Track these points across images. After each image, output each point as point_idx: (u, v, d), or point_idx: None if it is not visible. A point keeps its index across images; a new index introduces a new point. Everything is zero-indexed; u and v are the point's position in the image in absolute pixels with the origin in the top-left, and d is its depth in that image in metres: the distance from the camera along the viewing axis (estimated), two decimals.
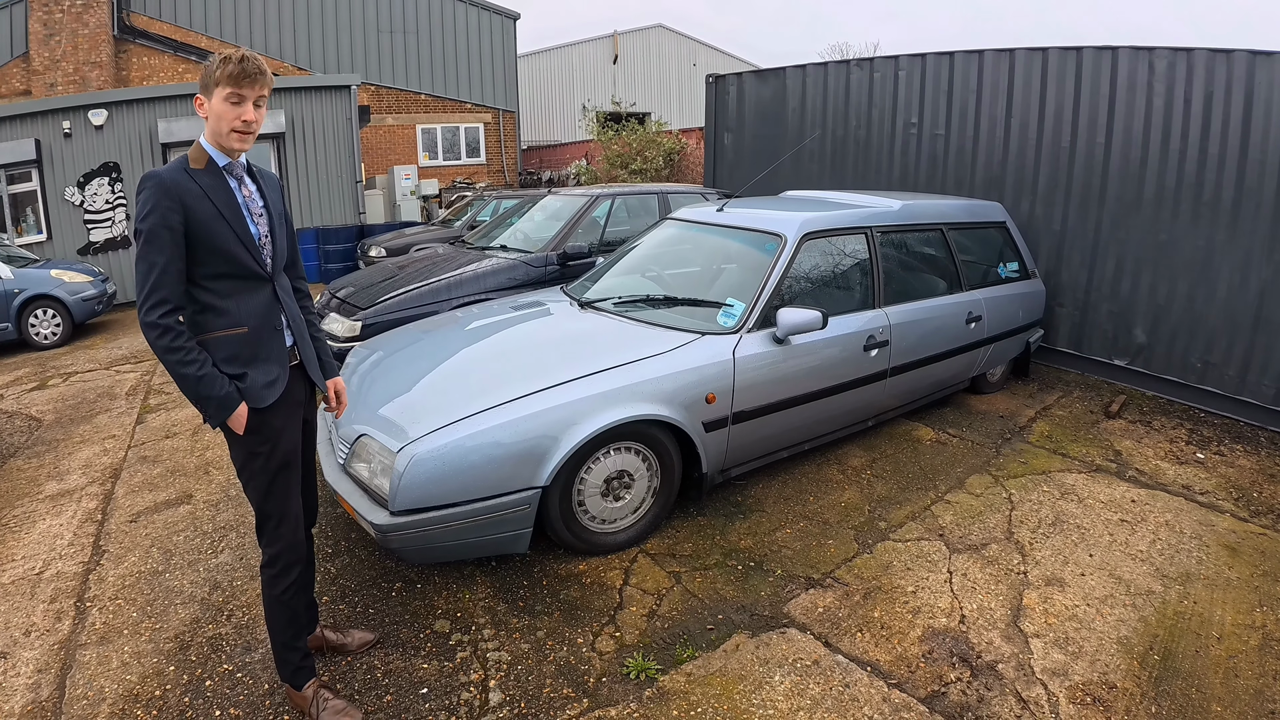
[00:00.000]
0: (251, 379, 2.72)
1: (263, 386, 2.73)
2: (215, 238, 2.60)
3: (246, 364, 2.72)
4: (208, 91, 2.59)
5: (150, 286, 2.51)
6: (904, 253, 5.74)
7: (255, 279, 2.74)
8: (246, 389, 2.70)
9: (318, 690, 3.03)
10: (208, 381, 2.59)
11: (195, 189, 2.58)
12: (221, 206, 2.63)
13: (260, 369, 2.74)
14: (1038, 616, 3.68)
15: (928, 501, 4.84)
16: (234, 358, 2.70)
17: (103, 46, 17.03)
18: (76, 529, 4.61)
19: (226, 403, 2.63)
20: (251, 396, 2.70)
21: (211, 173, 2.65)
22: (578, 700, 3.12)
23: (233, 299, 2.70)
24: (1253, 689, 3.23)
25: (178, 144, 13.26)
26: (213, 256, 2.62)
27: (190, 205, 2.56)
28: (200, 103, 2.64)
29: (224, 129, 2.60)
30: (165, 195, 2.52)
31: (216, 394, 2.61)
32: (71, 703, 3.12)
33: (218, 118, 2.60)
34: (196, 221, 2.56)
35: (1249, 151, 6.07)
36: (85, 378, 8.16)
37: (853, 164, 9.34)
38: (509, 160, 23.90)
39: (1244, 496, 5.04)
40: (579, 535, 4.05)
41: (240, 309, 2.71)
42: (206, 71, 2.58)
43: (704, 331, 4.49)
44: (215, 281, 2.66)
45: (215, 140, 2.64)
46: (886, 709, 3.08)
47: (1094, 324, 7.36)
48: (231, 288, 2.69)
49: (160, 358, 2.58)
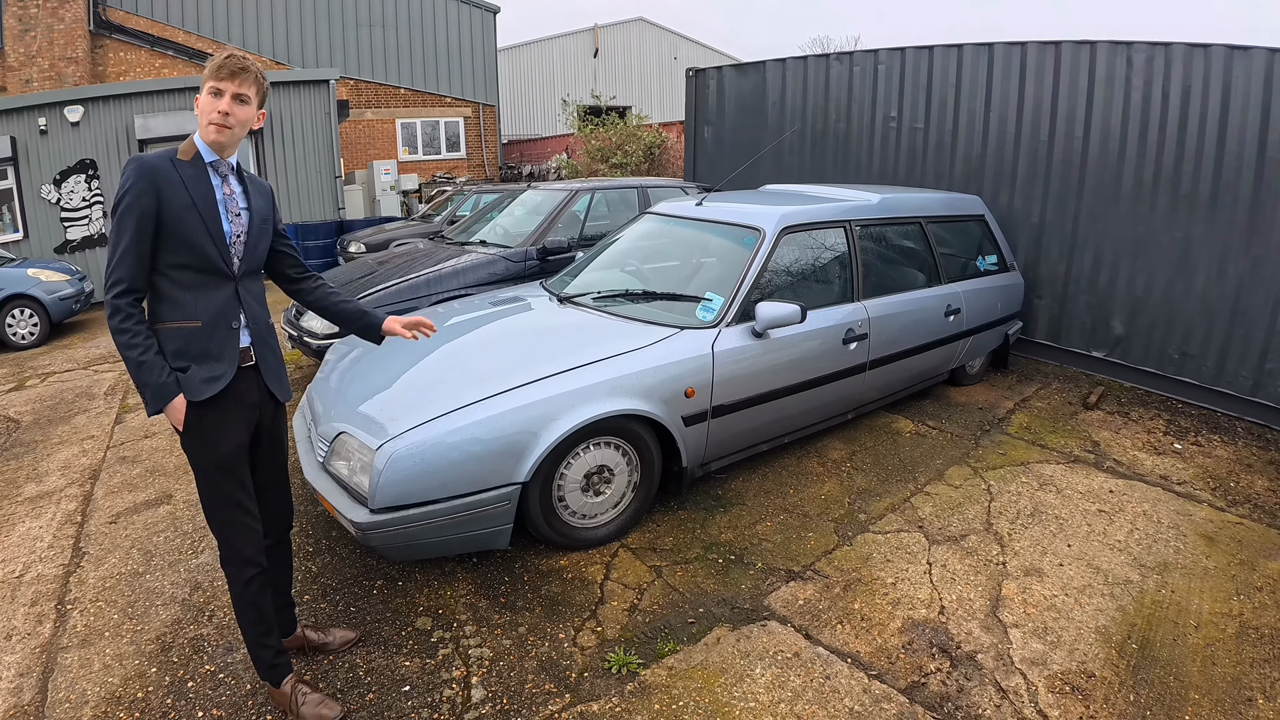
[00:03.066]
0: (193, 372, 2.71)
1: (201, 381, 2.71)
2: (184, 228, 2.62)
3: (193, 359, 2.71)
4: (201, 87, 2.67)
5: (113, 265, 2.57)
6: (883, 246, 5.76)
7: (218, 275, 2.74)
8: (185, 381, 2.69)
9: (295, 685, 3.02)
10: (147, 367, 2.60)
11: (175, 177, 2.61)
12: (197, 198, 2.64)
13: (205, 365, 2.73)
14: (1016, 607, 3.71)
15: (907, 493, 4.86)
16: (183, 351, 2.70)
17: (79, 42, 16.85)
18: (56, 531, 4.57)
19: (162, 392, 2.64)
20: (189, 389, 2.69)
21: (195, 166, 2.68)
22: (560, 695, 3.12)
23: (191, 292, 2.70)
24: (1230, 677, 3.27)
25: (154, 140, 13.14)
26: (179, 246, 2.64)
27: (165, 192, 2.59)
28: (196, 100, 2.72)
29: (203, 120, 2.66)
30: (142, 178, 2.56)
31: (153, 381, 2.62)
32: (54, 706, 3.10)
33: (201, 110, 2.67)
34: (169, 209, 2.59)
35: (1226, 145, 6.13)
36: (63, 378, 8.09)
37: (832, 157, 9.36)
38: (489, 154, 23.82)
39: (1221, 486, 5.09)
40: (560, 530, 4.05)
41: (197, 303, 2.71)
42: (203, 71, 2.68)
43: (683, 326, 4.49)
44: (178, 271, 2.67)
45: (204, 135, 2.68)
46: (867, 700, 3.10)
47: (1072, 316, 7.41)
48: (193, 280, 2.70)
49: (113, 339, 2.62)
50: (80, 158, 12.82)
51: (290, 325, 6.87)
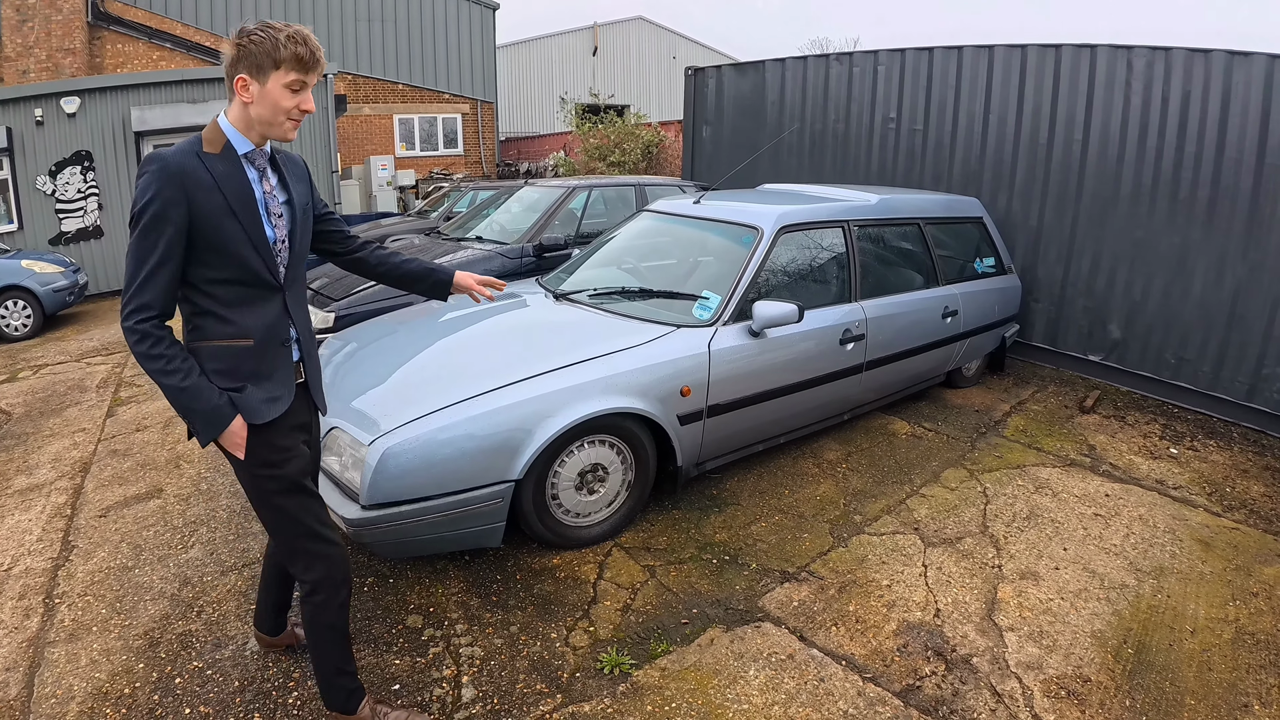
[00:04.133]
0: (250, 393, 2.41)
1: (262, 401, 2.42)
2: (222, 237, 2.28)
3: (246, 379, 2.41)
4: (260, 72, 2.25)
5: (135, 286, 2.20)
6: (881, 247, 5.74)
7: (264, 287, 2.42)
8: (242, 402, 2.39)
9: (374, 707, 2.85)
10: (193, 392, 2.28)
11: (206, 178, 2.24)
12: (234, 201, 2.29)
13: (261, 386, 2.44)
14: (1012, 610, 3.69)
15: (903, 495, 4.84)
16: (231, 371, 2.39)
17: (76, 33, 16.81)
18: (45, 524, 4.54)
19: (216, 417, 2.33)
20: (248, 410, 2.40)
21: (227, 159, 2.31)
22: (551, 695, 3.09)
23: (238, 307, 2.38)
24: (1226, 682, 3.26)
25: (151, 132, 13.09)
26: (217, 258, 2.30)
27: (198, 198, 2.22)
28: (244, 83, 2.26)
29: (279, 117, 2.30)
30: (169, 182, 2.19)
31: (204, 406, 2.30)
32: (40, 701, 3.07)
33: (273, 104, 2.28)
34: (202, 216, 2.23)
35: (1225, 150, 6.12)
36: (56, 370, 8.05)
37: (831, 158, 9.35)
38: (487, 151, 23.80)
39: (1217, 491, 5.08)
40: (553, 529, 4.02)
41: (246, 319, 2.39)
42: (260, 49, 2.23)
43: (679, 324, 4.47)
44: (218, 287, 2.34)
45: (248, 125, 2.33)
46: (861, 703, 3.08)
47: (1070, 319, 7.40)
48: (237, 295, 2.37)
49: (141, 365, 2.26)
50: (76, 149, 12.75)
51: None
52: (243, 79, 2.26)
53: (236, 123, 2.33)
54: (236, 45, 2.25)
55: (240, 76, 2.26)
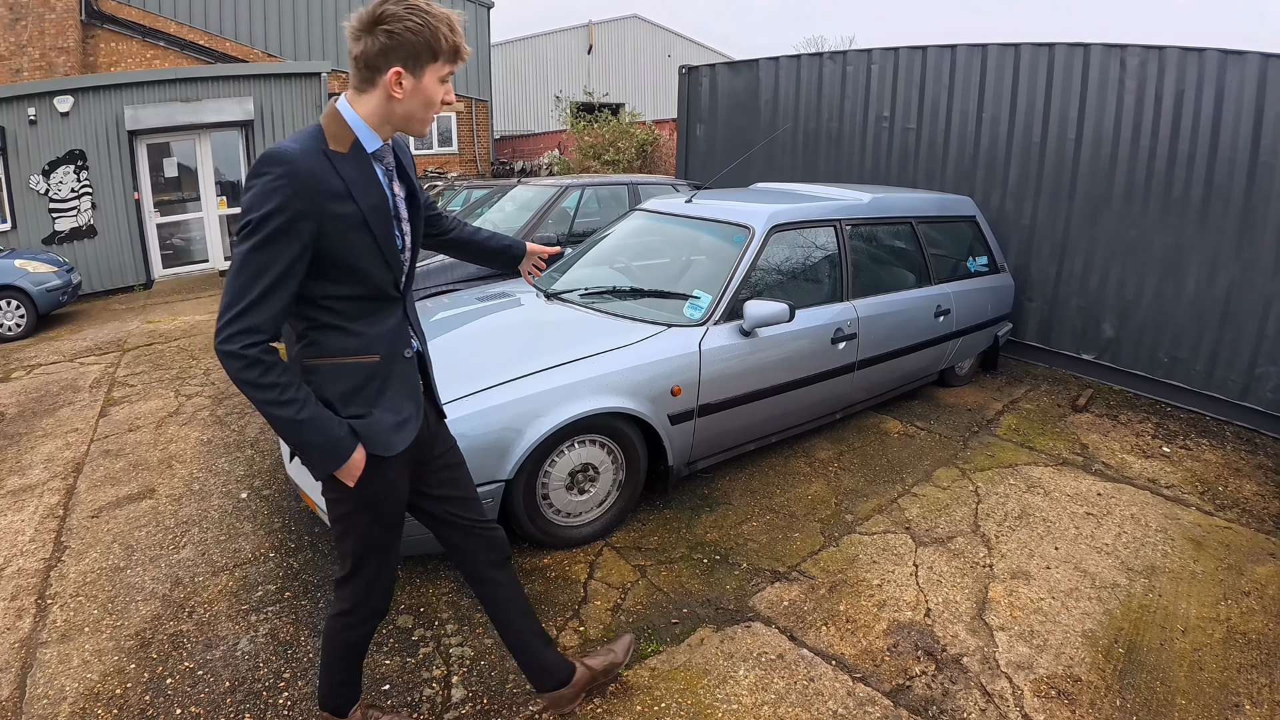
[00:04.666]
0: (377, 419, 2.20)
1: (391, 428, 2.22)
2: (352, 253, 2.05)
3: (373, 400, 2.20)
4: (417, 64, 2.02)
5: (243, 306, 1.92)
6: (873, 246, 5.74)
7: (387, 299, 2.21)
8: (369, 430, 2.18)
9: (365, 711, 2.78)
10: (311, 425, 2.04)
11: (338, 185, 1.99)
12: (368, 211, 2.05)
13: (389, 405, 2.23)
14: (1003, 610, 3.69)
15: (895, 494, 4.85)
16: (355, 392, 2.18)
17: (70, 31, 16.74)
18: (38, 525, 4.53)
19: (337, 450, 2.10)
20: (375, 441, 2.19)
21: (357, 160, 2.05)
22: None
23: (360, 320, 2.16)
24: (1217, 682, 3.26)
25: (145, 131, 13.09)
26: (343, 274, 2.08)
27: (330, 208, 1.98)
28: (399, 77, 2.01)
29: (429, 114, 2.10)
30: (300, 192, 1.92)
31: (323, 439, 2.07)
32: (32, 702, 3.07)
33: (426, 100, 2.07)
34: (334, 232, 2.00)
35: (1219, 149, 6.13)
36: (49, 370, 8.03)
37: (824, 156, 9.35)
38: (481, 150, 23.75)
39: (1209, 490, 5.09)
40: (543, 529, 4.02)
41: (370, 331, 2.18)
42: (419, 38, 1.98)
43: (670, 324, 4.47)
44: (338, 302, 2.12)
45: (384, 120, 2.08)
46: (851, 703, 3.08)
47: (1063, 318, 7.41)
48: (359, 309, 2.16)
49: (246, 394, 1.99)
50: (70, 148, 12.72)
51: None
52: (398, 72, 2.00)
53: (369, 117, 2.06)
54: (387, 33, 1.97)
55: (396, 69, 2.00)
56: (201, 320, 10.10)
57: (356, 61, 2.03)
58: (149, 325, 9.99)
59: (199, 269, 14.23)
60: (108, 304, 12.03)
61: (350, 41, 2.03)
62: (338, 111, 2.06)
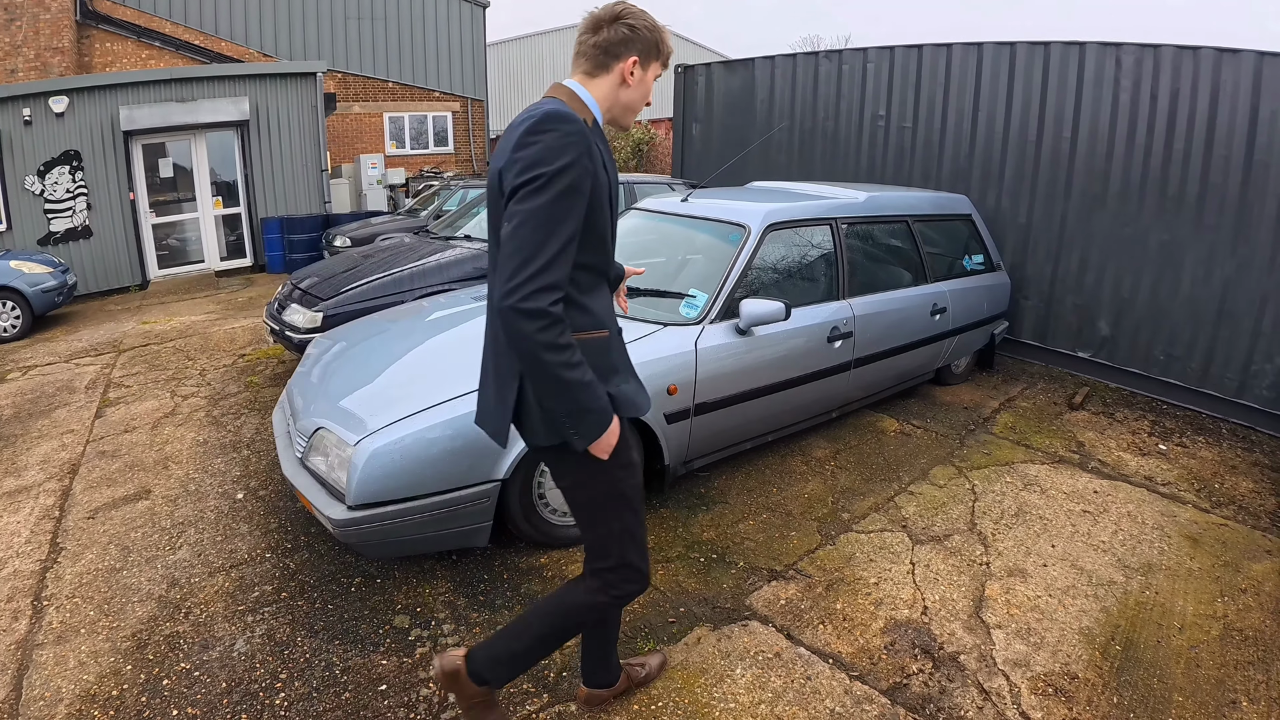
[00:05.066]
0: (627, 385, 2.29)
1: (635, 392, 2.32)
2: (601, 221, 2.15)
3: (606, 377, 2.23)
4: (647, 59, 2.25)
5: (545, 262, 1.94)
6: (869, 244, 5.74)
7: (606, 277, 2.31)
8: (623, 397, 2.25)
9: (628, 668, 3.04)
10: (593, 389, 2.07)
11: (599, 152, 2.11)
12: (612, 184, 2.20)
13: (624, 378, 2.32)
14: (1000, 607, 3.69)
15: (891, 493, 4.85)
16: (598, 368, 2.18)
17: (65, 32, 16.70)
18: (34, 526, 4.52)
19: (605, 417, 2.13)
20: (630, 404, 2.27)
21: (599, 134, 2.18)
22: (538, 695, 3.09)
23: (592, 295, 2.23)
24: (1214, 679, 3.27)
25: (140, 131, 13.06)
26: (593, 243, 2.15)
27: (599, 175, 2.09)
28: (635, 64, 2.22)
29: (640, 106, 2.31)
30: (587, 151, 2.02)
31: (599, 405, 2.10)
32: (28, 704, 3.06)
33: (644, 93, 2.29)
34: (597, 200, 2.10)
35: (1214, 148, 6.14)
36: (44, 371, 8.02)
37: (820, 155, 9.35)
38: (478, 149, 23.72)
39: (1206, 488, 5.10)
40: (540, 528, 4.02)
41: (597, 307, 2.24)
42: (652, 37, 2.23)
43: (666, 322, 4.46)
44: (580, 273, 2.15)
45: (610, 105, 2.26)
46: (848, 701, 3.08)
47: (1059, 316, 7.42)
48: (592, 283, 2.22)
49: (532, 356, 1.98)
50: (65, 149, 12.69)
51: (272, 319, 6.81)
52: (636, 60, 2.22)
53: (601, 100, 2.24)
54: (629, 26, 2.21)
55: (634, 58, 2.22)
56: (197, 321, 10.08)
57: (595, 48, 2.22)
58: (145, 326, 9.97)
59: (195, 269, 14.19)
60: (103, 305, 12.00)
61: (587, 31, 2.25)
62: (573, 91, 2.21)
